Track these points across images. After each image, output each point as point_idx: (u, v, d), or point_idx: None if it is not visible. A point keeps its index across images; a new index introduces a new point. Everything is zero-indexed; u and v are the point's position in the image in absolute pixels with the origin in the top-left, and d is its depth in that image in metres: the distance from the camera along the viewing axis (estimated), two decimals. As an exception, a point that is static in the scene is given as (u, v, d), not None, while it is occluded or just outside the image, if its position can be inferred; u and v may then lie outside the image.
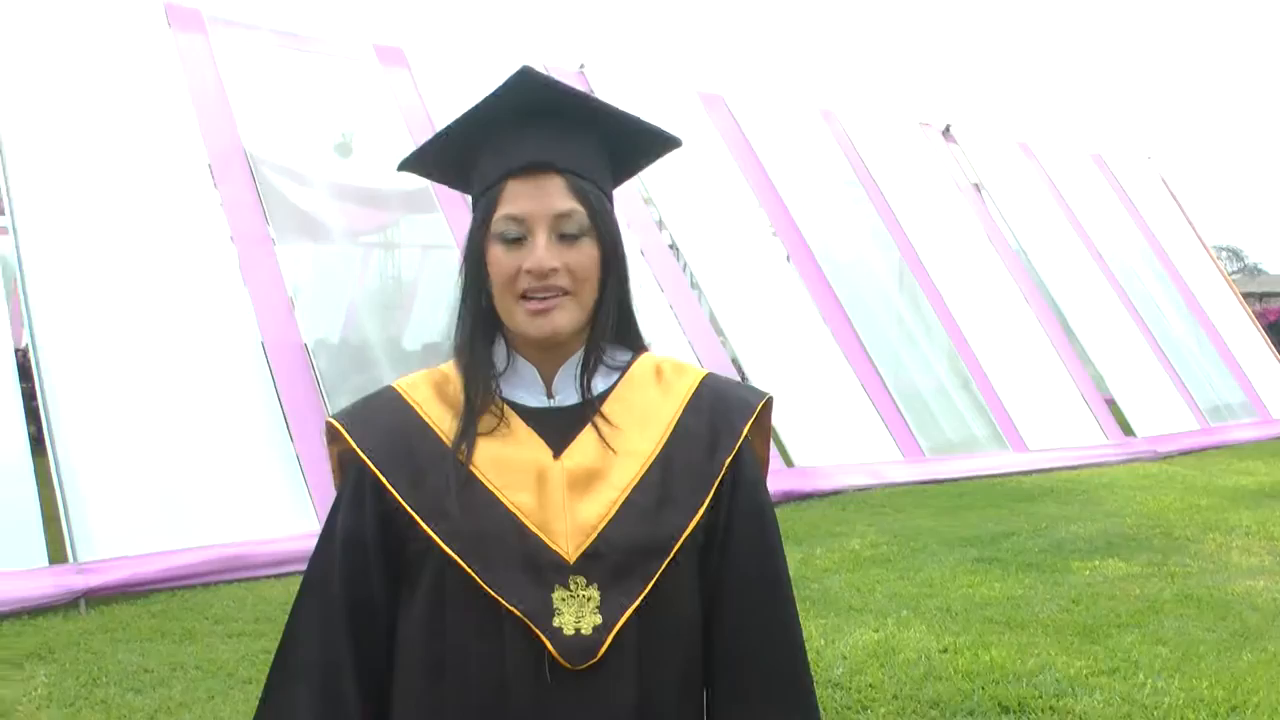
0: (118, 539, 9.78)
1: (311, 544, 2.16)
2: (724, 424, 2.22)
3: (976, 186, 21.94)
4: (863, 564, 10.56)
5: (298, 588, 2.24)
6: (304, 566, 7.62)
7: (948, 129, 22.20)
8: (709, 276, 16.55)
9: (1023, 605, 9.07)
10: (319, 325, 13.37)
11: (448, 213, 13.71)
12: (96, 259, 11.16)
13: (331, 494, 2.26)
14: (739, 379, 14.98)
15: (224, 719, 6.63)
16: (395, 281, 16.41)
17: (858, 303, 17.84)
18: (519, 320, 2.11)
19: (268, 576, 9.90)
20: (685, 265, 16.61)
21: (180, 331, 11.22)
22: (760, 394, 2.31)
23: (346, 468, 2.22)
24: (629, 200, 15.44)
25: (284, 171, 13.42)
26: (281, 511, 10.71)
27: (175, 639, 8.22)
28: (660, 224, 16.25)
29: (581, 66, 16.67)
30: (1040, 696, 6.85)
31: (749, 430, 2.24)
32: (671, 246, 16.50)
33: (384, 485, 2.13)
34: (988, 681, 7.11)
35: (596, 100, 2.23)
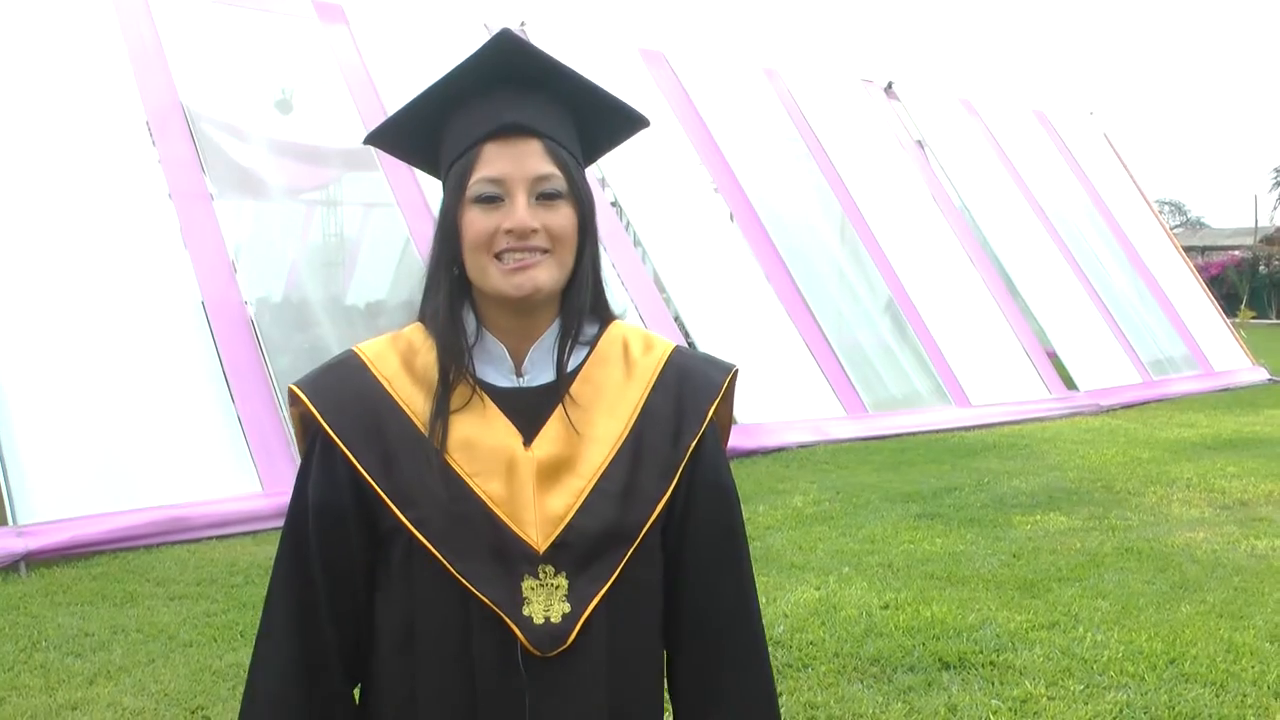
0: (58, 501, 9.69)
1: (253, 505, 2.15)
2: (690, 405, 2.22)
3: (919, 143, 22.00)
4: (805, 521, 10.61)
5: (273, 556, 2.22)
6: (246, 528, 7.64)
7: (890, 86, 22.23)
8: (652, 235, 16.52)
9: (964, 560, 9.14)
10: (260, 284, 13.25)
11: (389, 171, 13.62)
12: (32, 218, 11.02)
13: (270, 456, 2.24)
14: (686, 340, 15.04)
15: (165, 682, 6.58)
16: (337, 239, 16.26)
17: (801, 260, 17.86)
18: (495, 280, 2.07)
19: (210, 538, 9.85)
20: (628, 224, 16.58)
21: (119, 291, 11.10)
22: (725, 369, 2.30)
23: (309, 428, 2.18)
24: (571, 158, 15.35)
25: (224, 128, 13.29)
26: (223, 473, 10.65)
27: (116, 602, 8.16)
28: (603, 182, 16.20)
29: (522, 23, 16.55)
30: (980, 652, 6.90)
31: (714, 411, 2.25)
32: (614, 205, 16.46)
33: (355, 466, 2.11)
34: (928, 637, 7.16)
35: (573, 72, 2.20)
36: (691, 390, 2.23)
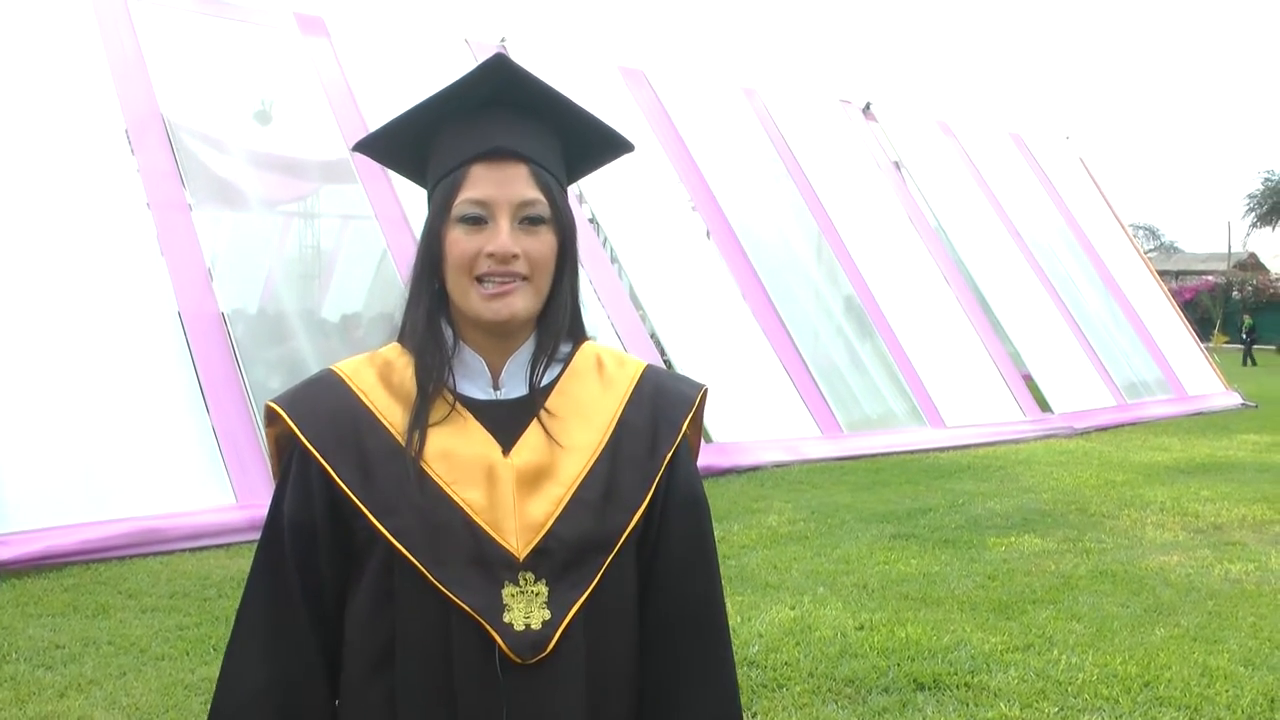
0: (30, 511, 9.63)
1: (227, 518, 2.13)
2: (664, 419, 2.24)
3: (896, 164, 22.07)
4: (780, 541, 10.60)
5: (247, 572, 2.21)
6: (220, 540, 7.59)
7: (868, 107, 22.30)
8: (629, 252, 16.53)
9: (939, 582, 9.14)
10: (236, 295, 13.24)
11: (367, 184, 13.61)
12: (9, 226, 10.97)
13: (244, 468, 2.23)
14: (661, 357, 15.03)
15: (136, 695, 6.53)
16: (314, 251, 16.24)
17: (777, 279, 17.89)
18: (474, 303, 2.09)
19: (183, 550, 9.80)
20: (605, 240, 16.59)
21: (95, 300, 11.06)
22: (697, 386, 2.33)
23: (285, 450, 2.19)
24: (550, 174, 15.35)
25: (203, 138, 13.27)
26: (198, 484, 10.60)
27: (88, 614, 8.10)
28: (580, 198, 16.21)
29: (503, 40, 16.56)
30: (955, 673, 6.90)
31: (687, 425, 2.27)
32: (592, 221, 16.46)
33: (332, 477, 2.11)
34: (903, 658, 7.15)
35: (565, 99, 2.22)
36: (666, 404, 2.26)
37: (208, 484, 10.65)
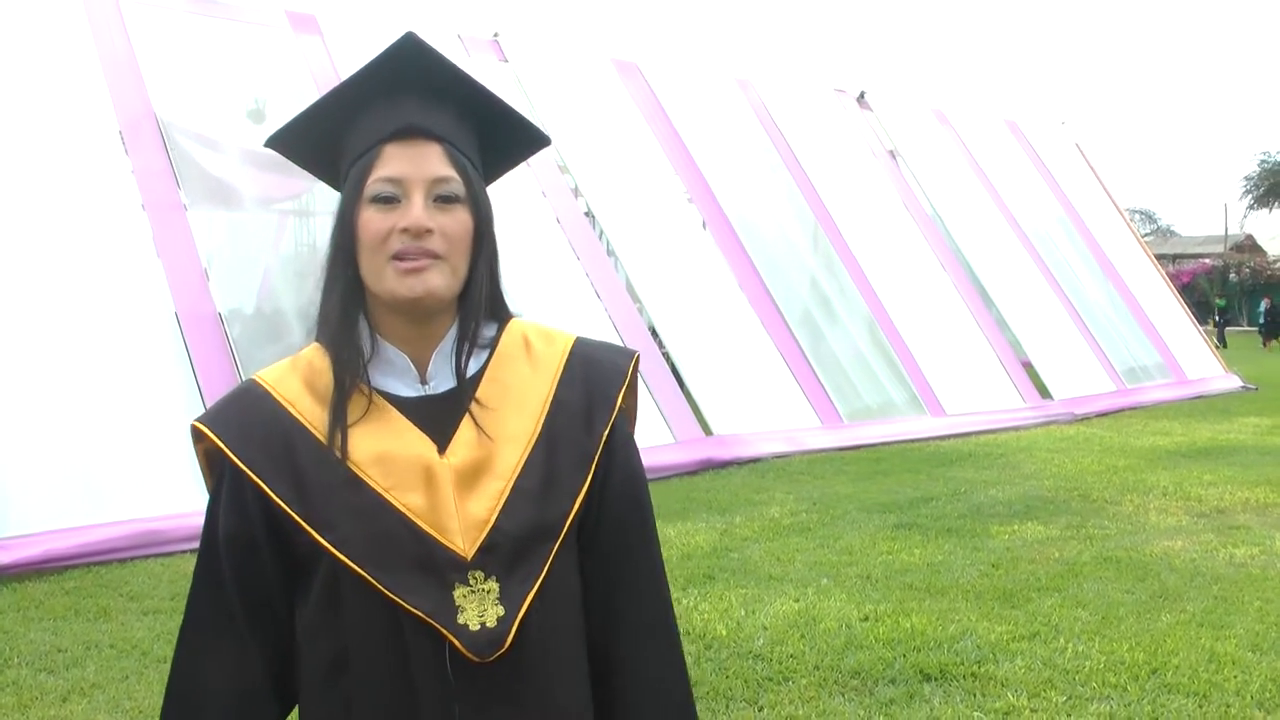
0: (30, 515, 9.62)
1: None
2: (599, 393, 2.20)
3: (892, 153, 22.06)
4: (782, 532, 10.57)
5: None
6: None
7: (862, 95, 22.29)
8: (625, 244, 16.50)
9: (942, 571, 9.11)
10: (233, 294, 13.20)
11: (362, 181, 13.56)
12: (4, 230, 10.93)
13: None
14: (658, 348, 15.00)
15: (138, 699, 6.51)
16: (310, 249, 16.18)
17: (774, 270, 17.87)
18: (390, 281, 2.05)
19: (184, 551, 9.75)
20: (601, 233, 16.57)
21: (92, 302, 11.04)
22: (629, 354, 2.29)
23: (215, 465, 2.14)
24: (545, 168, 15.37)
25: (196, 138, 13.24)
26: (197, 485, 10.45)
27: (89, 617, 8.08)
28: (576, 191, 16.18)
29: (496, 35, 16.53)
30: (961, 663, 6.87)
31: (622, 398, 2.24)
32: (587, 214, 16.44)
33: (268, 495, 2.06)
34: (909, 649, 7.12)
35: (477, 82, 2.19)
36: (599, 378, 2.23)
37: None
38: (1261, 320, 46.36)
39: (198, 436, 2.13)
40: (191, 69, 13.36)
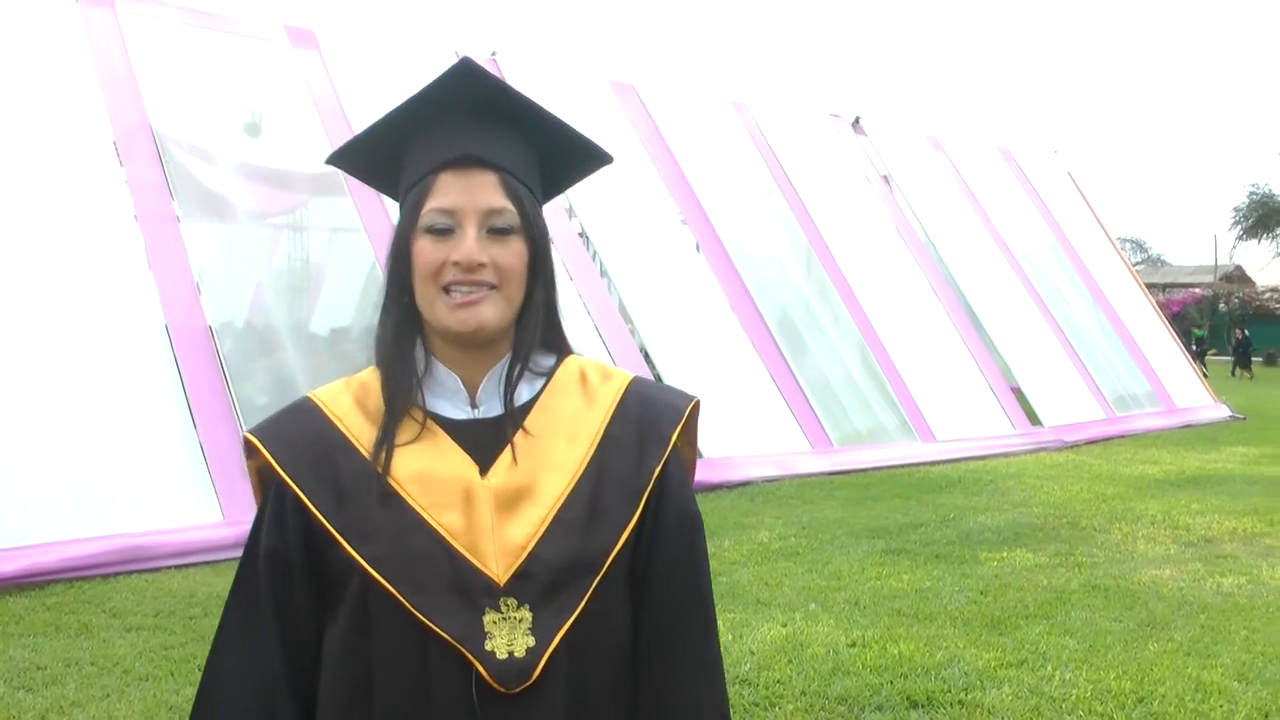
0: (12, 528, 9.54)
1: (213, 535, 2.08)
2: (652, 431, 2.17)
3: (885, 178, 22.10)
4: (771, 556, 10.55)
5: (224, 602, 2.15)
6: (206, 557, 7.49)
7: (857, 121, 22.33)
8: (619, 265, 16.50)
9: (931, 597, 9.09)
10: (224, 308, 13.17)
11: (356, 196, 13.57)
12: (-5, 238, 10.91)
13: (231, 484, 2.17)
14: (650, 369, 14.99)
15: (120, 718, 6.45)
16: (303, 264, 16.18)
17: (767, 293, 17.88)
18: (441, 314, 2.04)
19: (169, 568, 9.72)
20: (595, 254, 16.56)
21: (82, 313, 11.00)
22: (688, 398, 2.25)
23: (267, 483, 2.13)
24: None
25: (192, 150, 13.22)
26: (184, 501, 10.52)
27: (70, 633, 8.01)
28: (570, 212, 16.17)
29: (494, 53, 16.53)
30: (949, 690, 6.85)
31: (677, 436, 2.19)
32: (581, 235, 16.44)
33: (306, 505, 2.06)
34: (896, 675, 7.10)
35: (536, 105, 2.16)
36: (653, 416, 2.18)
37: (194, 500, 10.57)
38: (1233, 349, 46.37)
39: (249, 450, 2.13)
40: (188, 81, 13.34)
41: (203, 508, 10.51)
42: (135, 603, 8.79)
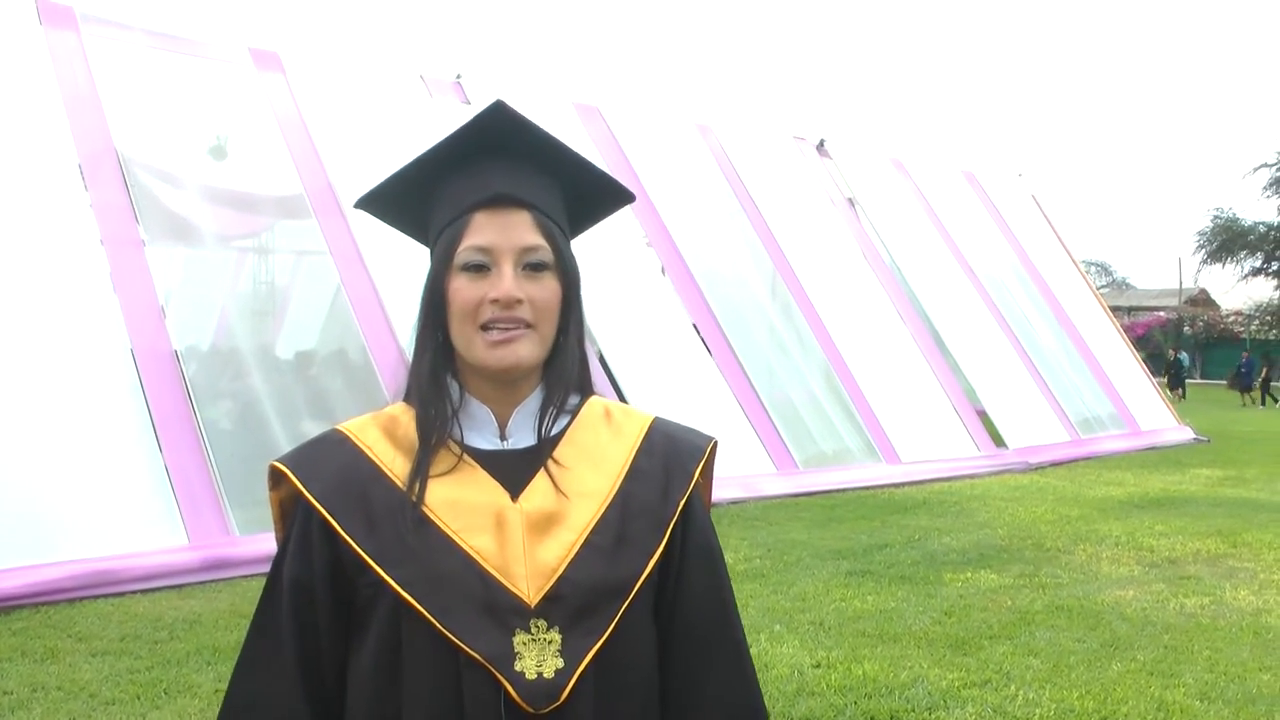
0: (-23, 553, 9.48)
1: (179, 559, 2.08)
2: (676, 466, 2.23)
3: (850, 201, 22.19)
4: (736, 578, 10.50)
5: (243, 635, 2.17)
6: (172, 581, 7.47)
7: (822, 144, 22.43)
8: (584, 287, 16.46)
9: (895, 618, 9.13)
10: (189, 331, 13.12)
11: (321, 219, 13.56)
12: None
13: (197, 508, 2.18)
14: (615, 392, 14.98)
15: (86, 739, 6.44)
16: (268, 287, 16.12)
17: (732, 315, 17.91)
18: (479, 351, 2.08)
19: (135, 592, 9.68)
20: (561, 275, 16.53)
21: (47, 337, 10.95)
22: (707, 438, 2.33)
23: (290, 515, 2.16)
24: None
25: (157, 174, 13.17)
26: (150, 525, 10.48)
27: (36, 658, 7.96)
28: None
29: (459, 77, 16.56)
30: (913, 710, 6.89)
31: (699, 473, 2.26)
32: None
33: (335, 531, 2.08)
34: (860, 696, 7.14)
35: (565, 146, 2.23)
36: (678, 453, 2.26)
37: (160, 524, 10.52)
38: (1168, 371, 46.58)
39: (275, 479, 2.16)
40: (153, 104, 13.30)
41: (168, 532, 10.47)
42: (101, 627, 8.75)
